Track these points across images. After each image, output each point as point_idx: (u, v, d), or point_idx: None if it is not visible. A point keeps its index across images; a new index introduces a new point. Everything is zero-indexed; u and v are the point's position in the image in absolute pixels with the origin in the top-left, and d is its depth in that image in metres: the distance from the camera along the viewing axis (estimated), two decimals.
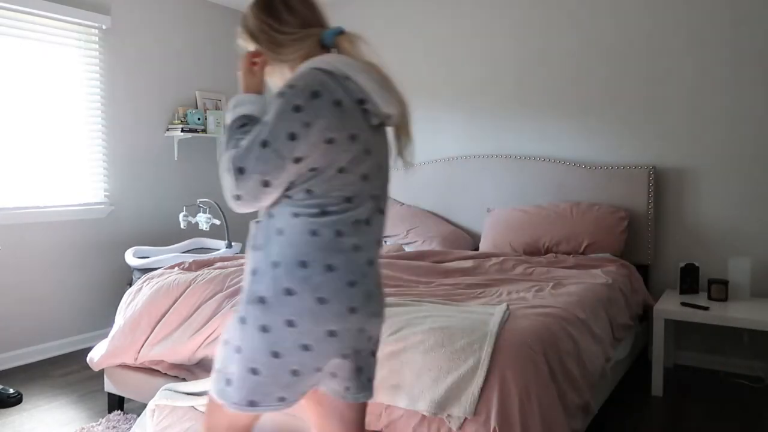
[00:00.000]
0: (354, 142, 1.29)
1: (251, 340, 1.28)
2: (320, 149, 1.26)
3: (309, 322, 1.25)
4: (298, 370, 1.28)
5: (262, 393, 1.29)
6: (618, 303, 2.76)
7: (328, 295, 1.26)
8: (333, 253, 1.27)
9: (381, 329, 1.42)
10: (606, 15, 3.63)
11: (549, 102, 3.84)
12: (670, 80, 3.47)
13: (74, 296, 3.85)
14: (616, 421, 2.73)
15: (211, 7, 4.69)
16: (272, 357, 1.26)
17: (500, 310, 2.05)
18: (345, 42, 1.39)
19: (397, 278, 2.75)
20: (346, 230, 1.29)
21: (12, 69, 3.49)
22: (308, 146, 1.25)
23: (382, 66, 1.41)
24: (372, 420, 1.94)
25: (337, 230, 1.28)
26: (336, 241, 1.28)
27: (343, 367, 1.35)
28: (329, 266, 1.26)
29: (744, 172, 3.31)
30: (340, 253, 1.28)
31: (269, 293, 1.27)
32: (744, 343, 3.35)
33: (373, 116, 1.34)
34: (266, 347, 1.26)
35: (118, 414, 2.74)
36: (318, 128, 1.25)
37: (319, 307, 1.25)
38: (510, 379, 1.75)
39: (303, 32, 1.40)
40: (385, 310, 1.41)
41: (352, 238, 1.30)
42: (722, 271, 3.38)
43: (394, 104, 1.36)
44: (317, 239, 1.27)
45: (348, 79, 1.31)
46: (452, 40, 4.16)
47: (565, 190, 3.69)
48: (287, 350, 1.26)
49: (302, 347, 1.26)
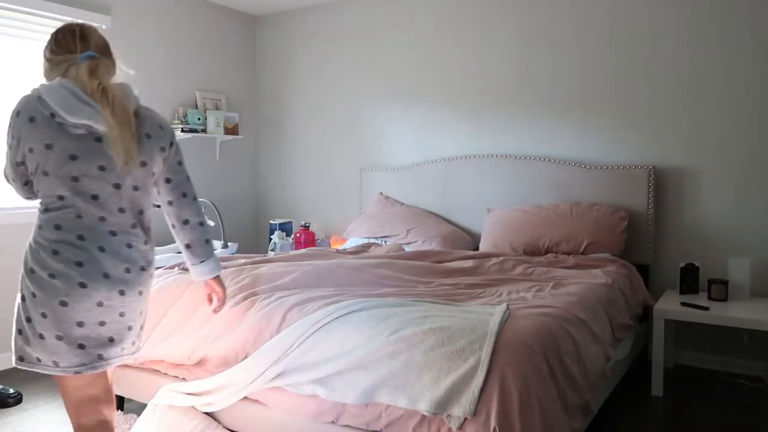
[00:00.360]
0: (51, 150, 1.59)
1: (16, 307, 1.66)
2: (27, 157, 1.62)
3: (45, 294, 1.59)
4: (42, 335, 1.60)
5: (24, 352, 1.63)
6: (618, 303, 2.76)
7: (58, 273, 1.59)
8: (58, 243, 1.60)
9: (127, 303, 1.68)
10: (606, 15, 3.63)
11: (549, 102, 3.84)
12: (670, 80, 3.47)
13: None
14: (616, 421, 2.73)
15: (211, 7, 4.69)
16: (26, 322, 1.62)
17: (500, 310, 2.05)
18: (79, 67, 1.64)
19: (397, 278, 2.75)
20: (64, 224, 1.62)
21: (12, 69, 3.49)
22: (21, 154, 1.63)
23: (116, 86, 1.67)
24: (372, 420, 1.94)
25: (55, 224, 1.62)
26: (57, 233, 1.61)
27: (89, 337, 1.64)
28: (55, 251, 1.60)
29: (744, 172, 3.31)
30: (63, 242, 1.60)
31: (24, 270, 1.64)
32: (744, 343, 3.35)
33: (73, 128, 1.60)
34: (23, 313, 1.63)
35: (118, 414, 2.74)
36: (22, 140, 1.61)
37: (52, 282, 1.58)
38: (510, 379, 1.75)
39: (60, 59, 1.68)
40: (134, 288, 1.69)
41: (74, 231, 1.61)
42: (722, 271, 3.38)
43: (88, 116, 1.58)
44: (43, 231, 1.62)
45: (41, 98, 1.60)
46: (453, 40, 4.16)
47: (565, 190, 3.69)
48: (33, 317, 1.60)
49: (41, 315, 1.59)
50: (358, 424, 1.97)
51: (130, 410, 2.82)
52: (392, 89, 4.43)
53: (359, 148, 4.62)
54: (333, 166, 4.76)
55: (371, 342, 1.95)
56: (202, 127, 4.42)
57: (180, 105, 4.46)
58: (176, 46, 4.42)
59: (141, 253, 1.72)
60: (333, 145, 4.75)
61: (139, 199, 1.74)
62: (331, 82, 4.72)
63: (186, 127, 4.29)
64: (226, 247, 4.03)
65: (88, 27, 1.74)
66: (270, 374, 2.07)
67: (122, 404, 2.80)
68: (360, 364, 1.94)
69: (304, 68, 4.85)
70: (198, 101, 4.56)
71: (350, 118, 4.65)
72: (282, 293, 2.41)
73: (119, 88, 1.68)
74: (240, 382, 2.13)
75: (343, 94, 4.67)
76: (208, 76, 4.69)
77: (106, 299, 1.63)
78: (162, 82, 4.32)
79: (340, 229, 4.73)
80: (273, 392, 2.12)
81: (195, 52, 4.57)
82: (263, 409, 2.18)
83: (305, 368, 2.02)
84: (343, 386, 1.95)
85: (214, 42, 4.72)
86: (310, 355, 2.03)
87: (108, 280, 1.63)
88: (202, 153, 4.66)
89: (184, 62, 4.49)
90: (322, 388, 1.99)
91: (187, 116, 4.37)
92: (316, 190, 4.87)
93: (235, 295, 2.42)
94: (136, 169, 1.69)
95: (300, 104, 4.90)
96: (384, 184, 4.39)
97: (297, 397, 2.07)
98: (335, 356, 1.98)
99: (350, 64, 4.61)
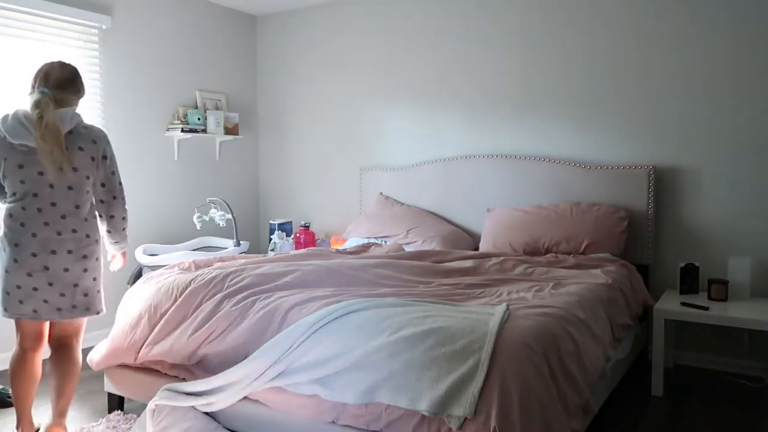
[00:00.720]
0: (6, 161, 2.27)
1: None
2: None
3: (8, 256, 2.29)
4: (6, 290, 2.30)
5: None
6: (618, 303, 2.76)
7: (3, 249, 2.31)
8: (11, 227, 2.28)
9: (62, 263, 2.32)
10: (606, 15, 3.63)
11: (549, 102, 3.84)
12: (670, 80, 3.47)
13: None
14: (616, 421, 2.73)
15: (211, 7, 4.69)
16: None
17: (500, 310, 2.05)
18: (31, 100, 2.29)
19: (397, 278, 2.75)
20: (15, 214, 2.28)
21: (12, 69, 3.49)
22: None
23: (54, 113, 2.26)
24: (372, 420, 1.94)
25: (9, 213, 2.29)
26: (11, 219, 2.29)
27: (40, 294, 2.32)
28: (5, 233, 2.29)
29: (744, 172, 3.31)
30: (14, 227, 2.28)
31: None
32: (744, 343, 3.35)
33: (18, 146, 2.27)
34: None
35: (118, 414, 2.74)
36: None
37: (13, 249, 2.28)
38: (510, 379, 1.75)
39: (30, 92, 2.32)
40: (64, 255, 2.32)
41: (20, 219, 2.27)
42: (722, 271, 3.38)
43: (24, 138, 2.24)
44: (5, 219, 2.30)
45: (3, 123, 2.27)
46: (453, 40, 4.16)
47: (565, 190, 3.69)
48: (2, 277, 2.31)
49: (5, 270, 2.29)
50: (358, 424, 1.97)
51: (130, 410, 2.82)
52: (392, 89, 4.43)
53: (359, 148, 4.62)
54: (333, 166, 4.76)
55: (371, 342, 1.95)
56: (202, 127, 4.42)
57: (180, 105, 4.46)
58: (176, 46, 4.42)
59: (72, 239, 2.33)
60: (333, 145, 4.75)
61: (74, 196, 2.34)
62: (331, 81, 4.72)
63: (186, 127, 4.29)
64: (239, 245, 4.04)
65: (55, 66, 2.35)
66: (270, 374, 2.07)
67: (122, 404, 2.80)
68: (360, 364, 1.94)
69: (304, 68, 4.85)
70: (198, 101, 4.56)
71: (350, 118, 4.65)
72: (282, 293, 2.41)
73: (56, 115, 2.25)
74: (240, 382, 2.13)
75: (343, 94, 4.67)
76: (208, 76, 4.69)
77: (33, 271, 2.28)
78: (162, 82, 4.32)
79: (340, 229, 4.73)
80: (273, 392, 2.12)
81: (195, 52, 4.57)
82: (263, 409, 2.18)
83: (305, 368, 2.02)
84: (343, 386, 1.95)
85: (214, 42, 4.72)
86: (310, 355, 2.03)
87: (34, 258, 2.28)
88: (202, 153, 4.66)
89: (184, 62, 4.49)
90: (322, 388, 1.99)
91: (187, 116, 4.37)
92: (316, 190, 4.87)
93: (235, 295, 2.42)
94: (70, 173, 2.31)
95: (300, 104, 4.90)
96: (384, 184, 4.39)
97: (297, 397, 2.07)
98: (335, 356, 1.98)
99: (350, 64, 4.61)
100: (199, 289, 2.49)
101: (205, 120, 4.45)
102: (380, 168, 4.44)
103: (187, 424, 2.20)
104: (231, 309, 2.35)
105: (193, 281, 2.54)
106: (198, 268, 2.85)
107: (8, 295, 2.30)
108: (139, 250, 3.81)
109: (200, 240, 4.28)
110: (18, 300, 2.30)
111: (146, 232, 4.26)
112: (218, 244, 4.28)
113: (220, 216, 4.12)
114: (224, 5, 4.77)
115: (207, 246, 4.28)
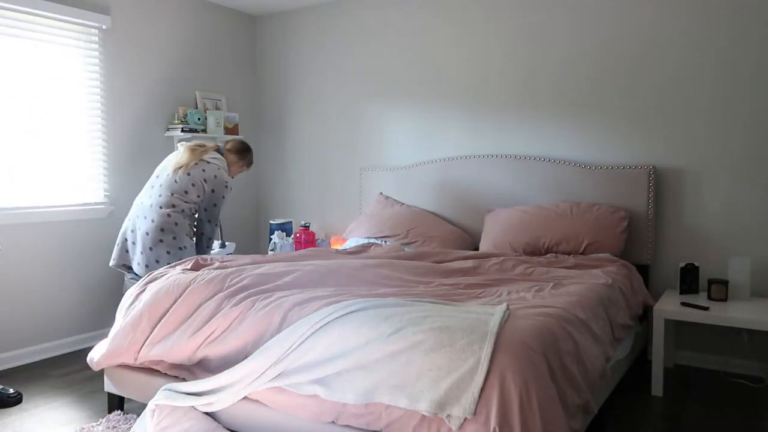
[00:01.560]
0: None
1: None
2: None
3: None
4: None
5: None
6: (618, 303, 2.76)
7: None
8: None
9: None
10: (606, 16, 3.63)
11: (549, 102, 3.84)
12: (670, 80, 3.47)
13: (74, 296, 3.85)
14: (616, 421, 2.73)
15: (211, 7, 4.69)
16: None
17: (500, 310, 2.05)
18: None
19: (397, 278, 2.75)
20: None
21: (12, 69, 3.49)
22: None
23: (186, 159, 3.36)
24: (372, 420, 1.94)
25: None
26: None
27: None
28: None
29: (744, 173, 3.31)
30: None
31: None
32: (744, 343, 3.35)
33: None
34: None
35: (118, 414, 2.74)
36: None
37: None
38: (510, 379, 1.75)
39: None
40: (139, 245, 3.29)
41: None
42: (722, 271, 3.38)
43: (173, 167, 3.35)
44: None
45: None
46: (453, 40, 4.16)
47: (565, 190, 3.69)
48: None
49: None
50: (358, 424, 1.97)
51: (130, 410, 2.83)
52: (392, 89, 4.43)
53: (359, 148, 4.63)
54: (333, 166, 4.76)
55: (371, 342, 1.95)
56: (202, 127, 4.42)
57: (180, 105, 4.46)
58: (176, 46, 4.42)
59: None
60: (333, 145, 4.75)
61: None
62: (331, 81, 4.72)
63: (186, 127, 4.29)
64: (224, 247, 4.03)
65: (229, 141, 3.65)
66: (270, 374, 2.07)
67: (122, 404, 2.81)
68: (360, 364, 1.94)
69: (304, 68, 4.85)
70: (198, 101, 4.56)
71: (350, 117, 4.65)
72: (282, 293, 2.41)
73: (191, 159, 3.39)
74: (240, 382, 2.13)
75: (343, 94, 4.67)
76: (208, 76, 4.69)
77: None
78: (162, 82, 4.32)
79: (340, 229, 4.73)
80: (273, 392, 2.12)
81: (195, 52, 4.57)
82: (263, 409, 2.18)
83: (305, 368, 2.02)
84: (343, 386, 1.95)
85: (214, 42, 4.72)
86: (310, 355, 2.03)
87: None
88: None
89: (184, 62, 4.49)
90: (322, 388, 1.99)
91: (187, 116, 4.37)
92: (316, 190, 4.87)
93: (235, 295, 2.42)
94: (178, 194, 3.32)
95: (300, 104, 4.90)
96: (384, 184, 4.39)
97: (297, 397, 2.07)
98: (335, 356, 1.98)
99: (350, 64, 4.61)
100: (200, 289, 2.49)
101: (205, 120, 4.45)
102: (380, 168, 4.44)
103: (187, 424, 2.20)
104: (231, 309, 2.35)
105: (193, 281, 2.54)
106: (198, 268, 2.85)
107: None
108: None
109: None
110: None
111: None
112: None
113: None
114: (224, 5, 4.77)
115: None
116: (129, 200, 4.12)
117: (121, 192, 4.09)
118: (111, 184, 4.03)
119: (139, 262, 3.28)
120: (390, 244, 3.79)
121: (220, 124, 4.51)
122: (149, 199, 3.33)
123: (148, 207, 3.31)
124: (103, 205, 3.97)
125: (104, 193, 4.00)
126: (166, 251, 3.24)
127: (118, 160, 4.07)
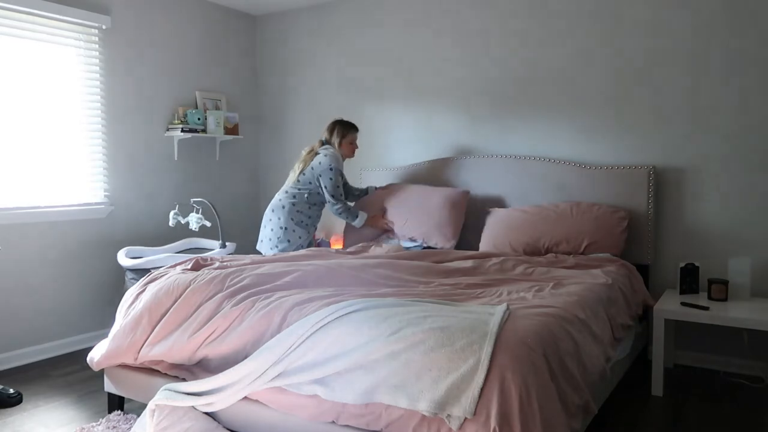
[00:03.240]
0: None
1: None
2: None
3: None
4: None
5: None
6: (618, 303, 2.76)
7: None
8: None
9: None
10: (606, 16, 3.63)
11: (549, 102, 3.84)
12: (670, 81, 3.47)
13: (74, 296, 3.85)
14: (616, 421, 2.73)
15: (211, 7, 4.69)
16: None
17: (500, 310, 2.05)
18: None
19: (397, 278, 2.75)
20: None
21: (12, 69, 3.49)
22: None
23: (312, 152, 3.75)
24: (372, 420, 1.94)
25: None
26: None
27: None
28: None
29: (744, 173, 3.31)
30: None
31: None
32: (744, 343, 3.35)
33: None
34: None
35: (118, 414, 2.74)
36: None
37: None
38: (510, 379, 1.75)
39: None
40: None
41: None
42: (722, 271, 3.38)
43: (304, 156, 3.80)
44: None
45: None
46: (452, 40, 4.16)
47: (565, 190, 3.69)
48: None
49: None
50: (358, 424, 1.97)
51: (130, 410, 2.83)
52: (392, 89, 4.43)
53: (359, 148, 4.62)
54: None
55: (371, 342, 1.95)
56: (202, 127, 4.42)
57: (180, 105, 4.46)
58: (176, 46, 4.42)
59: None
60: None
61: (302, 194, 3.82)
62: (331, 81, 4.72)
63: (186, 127, 4.29)
64: (224, 247, 4.03)
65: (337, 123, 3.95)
66: (270, 374, 2.07)
67: (122, 404, 2.81)
68: (360, 364, 1.94)
69: (304, 68, 4.85)
70: (198, 101, 4.56)
71: (350, 117, 4.64)
72: (282, 293, 2.41)
73: (312, 153, 3.84)
74: (240, 382, 2.13)
75: (343, 94, 4.67)
76: (208, 76, 4.69)
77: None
78: (162, 82, 4.32)
79: (340, 229, 4.73)
80: (273, 392, 2.12)
81: (195, 52, 4.57)
82: (263, 409, 2.18)
83: (305, 368, 2.02)
84: (343, 386, 1.95)
85: (214, 42, 4.72)
86: (310, 355, 2.03)
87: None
88: (202, 153, 4.66)
89: (184, 62, 4.49)
90: (322, 388, 1.99)
91: (187, 116, 4.37)
92: None
93: (235, 295, 2.42)
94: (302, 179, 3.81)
95: (300, 104, 4.90)
96: (384, 184, 4.39)
97: (297, 397, 2.07)
98: (335, 356, 1.98)
99: (350, 64, 4.61)
100: (200, 289, 2.49)
101: (205, 120, 4.45)
102: (380, 168, 4.43)
103: (187, 424, 2.20)
104: (231, 309, 2.35)
105: (193, 281, 2.54)
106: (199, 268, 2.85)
107: None
108: (122, 253, 3.76)
109: (187, 241, 4.23)
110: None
111: (147, 232, 4.26)
112: (205, 245, 4.25)
113: (197, 219, 4.06)
114: (224, 5, 4.77)
115: (193, 247, 4.24)
116: (129, 200, 4.12)
117: (121, 192, 4.09)
118: (111, 184, 4.03)
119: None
120: (390, 244, 3.79)
121: (220, 124, 4.51)
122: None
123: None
124: (103, 205, 3.97)
125: (104, 193, 4.00)
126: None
127: (118, 160, 4.07)
